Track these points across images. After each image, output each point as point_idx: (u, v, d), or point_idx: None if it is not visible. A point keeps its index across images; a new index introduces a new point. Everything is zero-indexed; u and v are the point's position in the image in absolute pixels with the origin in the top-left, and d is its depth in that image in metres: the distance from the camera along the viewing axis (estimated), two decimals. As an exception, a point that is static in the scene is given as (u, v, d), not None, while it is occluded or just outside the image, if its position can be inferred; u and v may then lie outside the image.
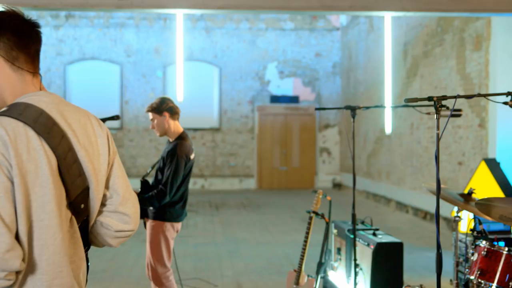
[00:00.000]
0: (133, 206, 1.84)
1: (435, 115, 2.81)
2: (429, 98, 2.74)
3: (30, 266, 1.60)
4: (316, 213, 4.27)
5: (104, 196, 1.79)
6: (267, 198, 13.86)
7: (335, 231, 5.14)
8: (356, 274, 4.12)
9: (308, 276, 4.25)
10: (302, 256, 4.20)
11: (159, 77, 15.67)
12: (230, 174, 15.53)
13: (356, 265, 4.40)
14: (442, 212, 9.50)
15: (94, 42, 15.52)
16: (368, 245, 4.41)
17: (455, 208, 7.05)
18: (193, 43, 15.58)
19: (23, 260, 1.56)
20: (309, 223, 4.23)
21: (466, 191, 3.83)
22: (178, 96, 10.06)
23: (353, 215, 4.13)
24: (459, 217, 4.13)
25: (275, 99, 15.83)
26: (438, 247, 2.83)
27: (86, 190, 1.71)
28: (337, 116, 16.18)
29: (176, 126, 4.53)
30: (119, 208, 1.80)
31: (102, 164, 1.77)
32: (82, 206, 1.71)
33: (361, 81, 14.26)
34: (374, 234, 4.59)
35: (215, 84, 15.77)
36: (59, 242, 1.65)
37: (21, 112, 1.63)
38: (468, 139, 8.69)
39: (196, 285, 5.99)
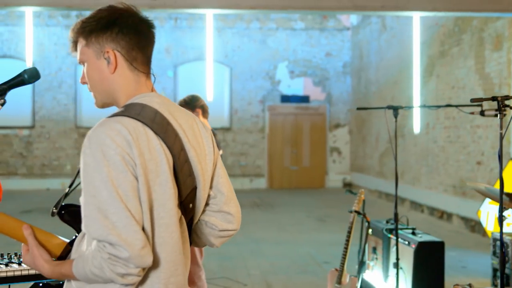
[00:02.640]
0: (236, 206, 1.86)
1: (498, 114, 2.82)
2: (493, 98, 2.76)
3: None
4: (358, 212, 4.28)
5: (208, 196, 1.81)
6: (279, 197, 13.88)
7: (370, 230, 5.15)
8: (397, 274, 4.14)
9: (350, 275, 4.26)
10: (344, 255, 4.21)
11: (170, 77, 15.68)
12: (240, 174, 15.55)
13: (395, 265, 4.41)
14: (460, 211, 9.52)
15: (105, 42, 15.50)
16: (408, 244, 4.42)
17: (481, 208, 7.08)
18: (204, 43, 15.56)
19: None
20: (351, 222, 4.24)
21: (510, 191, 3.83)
22: (208, 95, 10.09)
23: (395, 215, 4.14)
24: (505, 216, 4.13)
25: (285, 98, 15.85)
26: (502, 246, 2.83)
27: (194, 190, 1.73)
28: (347, 116, 16.20)
29: (206, 124, 4.55)
30: (224, 208, 1.82)
31: (208, 164, 1.78)
32: (191, 205, 1.73)
33: (373, 81, 14.28)
34: (413, 233, 4.60)
35: (226, 84, 15.78)
36: (176, 240, 1.67)
37: (138, 112, 1.64)
38: (488, 139, 8.71)
39: (225, 284, 6.00)
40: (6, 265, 2.21)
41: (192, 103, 4.49)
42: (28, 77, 1.85)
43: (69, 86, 15.51)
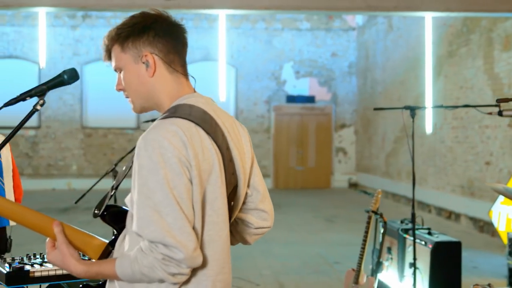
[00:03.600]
0: (270, 203, 1.88)
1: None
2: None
3: None
4: (375, 213, 4.29)
5: (245, 194, 1.82)
6: (285, 197, 13.88)
7: (382, 230, 5.15)
8: (415, 274, 4.14)
9: (367, 275, 4.27)
10: (361, 255, 4.22)
11: (175, 77, 15.70)
12: (246, 174, 15.57)
13: (412, 265, 4.42)
14: (468, 212, 9.53)
15: (111, 42, 15.53)
16: (425, 244, 4.43)
17: (493, 208, 7.08)
18: (210, 43, 15.58)
19: None
20: (368, 222, 4.25)
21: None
22: (220, 96, 10.12)
23: (413, 215, 4.15)
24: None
25: (291, 99, 15.86)
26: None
27: (235, 188, 1.74)
28: (353, 116, 16.21)
29: None
30: (259, 206, 1.84)
31: (247, 163, 1.80)
32: (232, 203, 1.74)
33: (379, 81, 14.29)
34: (429, 233, 4.61)
35: (232, 84, 15.79)
36: (224, 238, 1.68)
37: (189, 112, 1.65)
38: (497, 139, 8.71)
39: (237, 284, 6.01)
40: (41, 264, 2.22)
41: None
42: (68, 77, 1.87)
43: (75, 86, 15.51)
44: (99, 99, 15.23)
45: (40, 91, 1.86)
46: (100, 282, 1.76)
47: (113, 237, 1.78)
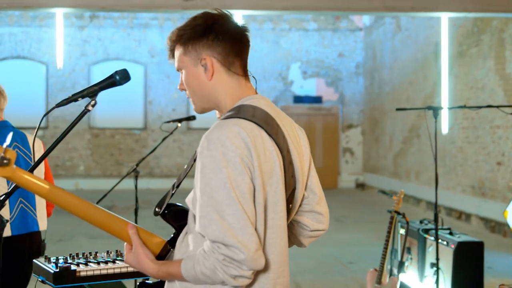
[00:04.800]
0: (326, 206, 1.86)
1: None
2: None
3: None
4: (398, 213, 4.30)
5: (302, 196, 1.81)
6: (293, 198, 13.88)
7: (402, 230, 5.16)
8: (437, 274, 4.15)
9: (390, 275, 4.28)
10: (384, 255, 4.22)
11: (182, 77, 15.71)
12: (253, 174, 15.58)
13: (433, 265, 4.42)
14: (479, 212, 9.53)
15: (118, 43, 15.57)
16: (447, 244, 4.43)
17: (508, 208, 7.07)
18: (217, 44, 15.62)
19: None
20: (391, 223, 4.26)
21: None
22: None
23: (436, 215, 4.15)
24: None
25: (298, 99, 15.87)
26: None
27: (293, 191, 1.73)
28: (360, 117, 16.21)
29: None
30: (316, 208, 1.83)
31: (305, 165, 1.79)
32: (290, 206, 1.74)
33: (386, 81, 14.29)
34: (451, 234, 4.61)
35: (239, 85, 15.80)
36: (284, 241, 1.68)
37: (252, 114, 1.65)
38: (508, 139, 8.71)
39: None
40: (86, 264, 2.23)
41: None
42: (120, 78, 1.87)
43: (83, 87, 15.52)
44: (106, 99, 15.22)
45: (92, 92, 1.87)
46: (159, 280, 1.77)
47: (172, 236, 1.78)
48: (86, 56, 15.48)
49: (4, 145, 1.61)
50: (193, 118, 4.66)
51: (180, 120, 4.67)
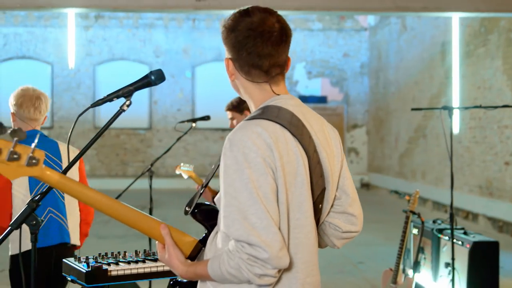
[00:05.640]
0: (359, 207, 1.85)
1: None
2: None
3: None
4: (413, 212, 4.30)
5: (334, 197, 1.81)
6: (298, 198, 13.89)
7: (415, 230, 5.17)
8: (453, 274, 4.15)
9: (405, 275, 4.29)
10: (399, 255, 4.23)
11: (188, 77, 15.73)
12: (258, 174, 15.59)
13: (448, 265, 4.42)
14: (487, 212, 9.53)
15: (123, 43, 15.58)
16: (462, 244, 4.44)
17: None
18: (221, 44, 15.57)
19: None
20: (406, 222, 4.26)
21: None
22: None
23: (451, 215, 4.15)
24: None
25: (303, 99, 15.85)
26: None
27: (323, 191, 1.73)
28: (365, 116, 16.21)
29: None
30: (348, 209, 1.81)
31: (336, 166, 1.78)
32: (320, 206, 1.74)
33: (392, 81, 14.29)
34: (465, 233, 4.62)
35: (244, 85, 15.81)
36: (312, 241, 1.68)
37: (276, 114, 1.65)
38: (516, 139, 8.72)
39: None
40: (116, 263, 2.24)
41: (239, 106, 4.48)
42: (155, 78, 1.87)
43: (88, 87, 15.56)
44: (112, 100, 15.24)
45: (127, 92, 1.87)
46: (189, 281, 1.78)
47: (204, 235, 1.79)
48: (91, 56, 15.49)
49: (33, 145, 1.61)
50: (207, 118, 4.66)
51: (194, 120, 4.67)
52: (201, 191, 1.80)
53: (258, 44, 1.70)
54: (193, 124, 4.65)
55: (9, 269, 2.76)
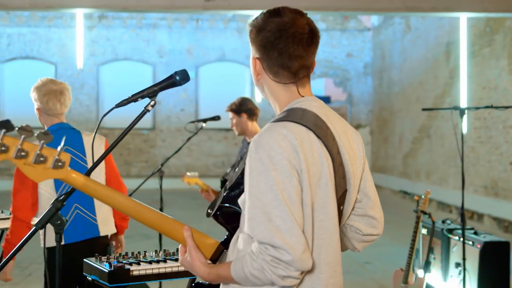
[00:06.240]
0: (380, 211, 1.85)
1: None
2: None
3: None
4: (424, 212, 4.30)
5: (355, 199, 1.80)
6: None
7: (424, 230, 5.17)
8: (464, 274, 4.15)
9: (416, 275, 4.29)
10: (410, 255, 4.23)
11: (191, 77, 15.74)
12: (261, 174, 15.59)
13: (458, 265, 4.43)
14: (492, 212, 9.53)
15: (127, 43, 15.59)
16: (473, 244, 4.44)
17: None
18: (225, 44, 15.63)
19: None
20: (417, 222, 4.26)
21: None
22: (256, 96, 10.16)
23: (462, 215, 4.16)
24: None
25: (306, 99, 15.89)
26: None
27: (345, 193, 1.73)
28: (368, 117, 16.22)
29: (254, 127, 4.59)
30: (369, 212, 1.81)
31: (358, 168, 1.78)
32: (341, 208, 1.73)
33: (396, 81, 14.29)
34: (475, 233, 4.62)
35: (247, 85, 15.82)
36: (335, 242, 1.68)
37: (301, 116, 1.65)
38: (522, 139, 8.72)
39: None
40: (138, 263, 2.24)
41: (237, 109, 4.51)
42: (180, 78, 1.88)
43: (91, 87, 15.57)
44: (115, 99, 15.15)
45: (152, 92, 1.88)
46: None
47: (226, 237, 1.79)
48: (95, 56, 15.50)
49: (59, 148, 1.63)
50: (217, 118, 4.67)
51: (205, 120, 4.68)
52: (225, 194, 1.80)
53: (290, 45, 1.69)
54: (203, 124, 4.65)
55: (47, 261, 2.76)
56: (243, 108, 4.54)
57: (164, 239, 4.55)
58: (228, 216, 1.79)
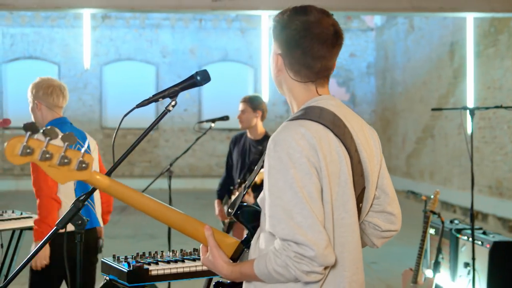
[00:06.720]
0: (398, 207, 1.86)
1: None
2: None
3: None
4: (433, 212, 4.31)
5: (373, 196, 1.82)
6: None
7: (432, 230, 5.17)
8: (473, 274, 4.15)
9: (425, 275, 4.29)
10: (420, 255, 4.24)
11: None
12: (264, 174, 15.59)
13: (467, 265, 4.43)
14: (497, 212, 9.53)
15: (130, 43, 15.59)
16: (482, 244, 4.44)
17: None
18: (228, 44, 15.63)
19: None
20: (426, 222, 4.27)
21: None
22: (263, 95, 10.18)
23: (472, 215, 4.16)
24: None
25: (309, 99, 15.88)
26: None
27: (363, 190, 1.74)
28: (371, 117, 16.21)
29: (261, 127, 4.63)
30: (387, 208, 1.83)
31: (375, 166, 1.79)
32: (360, 205, 1.75)
33: (399, 81, 14.29)
34: (484, 233, 4.62)
35: (250, 85, 15.82)
36: (357, 239, 1.69)
37: (318, 115, 1.67)
38: (527, 139, 8.72)
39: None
40: (156, 263, 2.25)
41: (254, 103, 4.54)
42: (201, 79, 1.89)
43: (95, 87, 15.58)
44: (118, 99, 15.27)
45: (173, 92, 1.89)
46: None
47: (246, 236, 1.80)
48: (98, 57, 15.50)
49: (82, 150, 1.65)
50: (226, 118, 4.68)
51: (213, 120, 4.68)
52: (244, 193, 1.81)
53: (314, 45, 1.70)
54: (212, 124, 4.66)
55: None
56: (260, 106, 4.58)
57: (173, 239, 4.55)
58: (248, 215, 1.80)
